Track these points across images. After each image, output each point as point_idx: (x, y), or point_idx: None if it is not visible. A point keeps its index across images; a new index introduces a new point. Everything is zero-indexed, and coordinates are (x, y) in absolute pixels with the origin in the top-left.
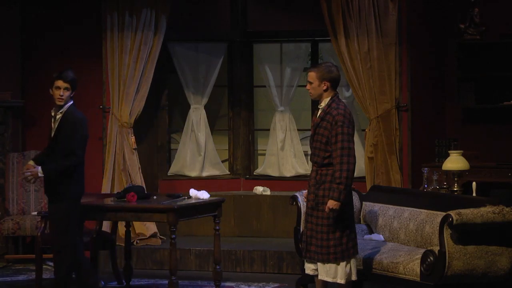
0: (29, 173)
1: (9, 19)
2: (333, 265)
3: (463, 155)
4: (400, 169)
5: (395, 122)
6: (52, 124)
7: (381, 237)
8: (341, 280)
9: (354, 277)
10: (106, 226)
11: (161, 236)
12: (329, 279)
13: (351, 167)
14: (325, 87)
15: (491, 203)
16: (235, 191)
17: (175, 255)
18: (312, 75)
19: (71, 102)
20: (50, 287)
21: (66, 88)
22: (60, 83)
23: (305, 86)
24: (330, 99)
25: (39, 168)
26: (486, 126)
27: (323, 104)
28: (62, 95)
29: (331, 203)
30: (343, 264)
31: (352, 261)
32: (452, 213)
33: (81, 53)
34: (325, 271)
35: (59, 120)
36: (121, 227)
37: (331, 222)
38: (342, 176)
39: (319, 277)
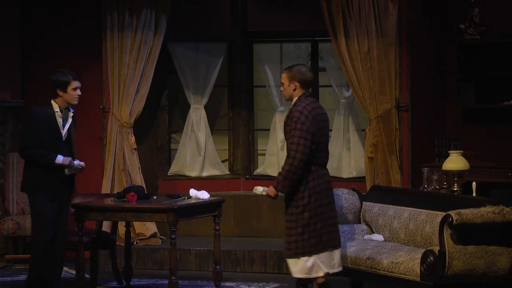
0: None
1: (9, 19)
2: (292, 260)
3: (463, 155)
4: (400, 169)
5: (395, 122)
6: (59, 121)
7: (381, 237)
8: (300, 275)
9: (321, 273)
10: (106, 226)
11: (161, 236)
12: (293, 274)
13: (295, 162)
14: (294, 87)
15: (491, 203)
16: (235, 191)
17: (175, 255)
18: (283, 76)
19: None
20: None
21: (79, 88)
22: (77, 83)
23: None
24: (298, 98)
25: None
26: (486, 126)
27: (292, 103)
28: (79, 95)
29: (269, 191)
30: (304, 259)
31: (320, 256)
32: (452, 213)
33: (81, 53)
34: (290, 266)
35: (70, 118)
36: (121, 227)
37: (293, 218)
38: (284, 169)
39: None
